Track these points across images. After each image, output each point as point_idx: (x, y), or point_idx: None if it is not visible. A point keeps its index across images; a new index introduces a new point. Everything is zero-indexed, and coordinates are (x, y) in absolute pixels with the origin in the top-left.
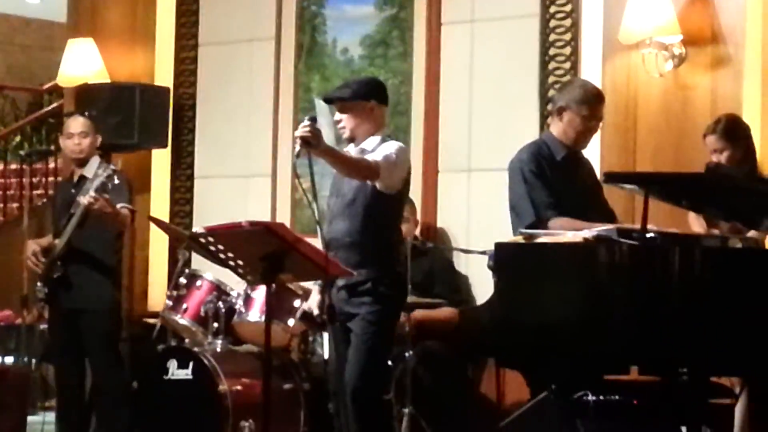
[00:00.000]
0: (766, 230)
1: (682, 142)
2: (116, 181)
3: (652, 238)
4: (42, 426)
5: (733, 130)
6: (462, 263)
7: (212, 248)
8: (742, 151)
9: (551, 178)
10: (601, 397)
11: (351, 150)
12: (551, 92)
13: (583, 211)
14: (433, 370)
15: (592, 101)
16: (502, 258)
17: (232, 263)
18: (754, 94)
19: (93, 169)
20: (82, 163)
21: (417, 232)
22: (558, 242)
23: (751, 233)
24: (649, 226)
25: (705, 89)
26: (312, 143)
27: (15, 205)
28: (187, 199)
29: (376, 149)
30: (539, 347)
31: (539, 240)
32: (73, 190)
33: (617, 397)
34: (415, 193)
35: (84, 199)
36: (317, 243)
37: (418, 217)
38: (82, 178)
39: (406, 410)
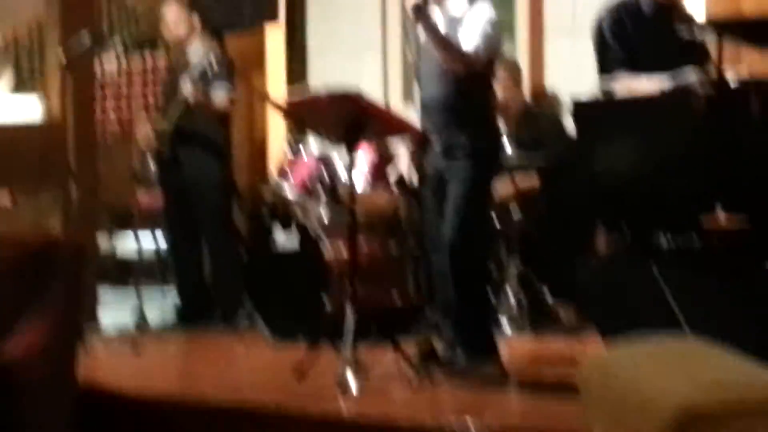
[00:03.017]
0: None
1: None
2: (215, 69)
3: (731, 87)
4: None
5: None
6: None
7: (300, 118)
8: None
9: (635, 34)
10: (678, 241)
11: (438, 15)
12: None
13: (675, 65)
14: (543, 227)
15: None
16: (580, 114)
17: (318, 131)
18: None
19: (196, 52)
20: (185, 46)
21: (526, 95)
22: (633, 95)
23: None
24: (734, 71)
25: None
26: (423, 11)
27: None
28: (302, 72)
29: (466, 15)
30: (621, 199)
31: (616, 94)
32: (179, 74)
33: (695, 241)
34: (523, 57)
35: (182, 91)
36: None
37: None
38: (187, 63)
39: (514, 265)
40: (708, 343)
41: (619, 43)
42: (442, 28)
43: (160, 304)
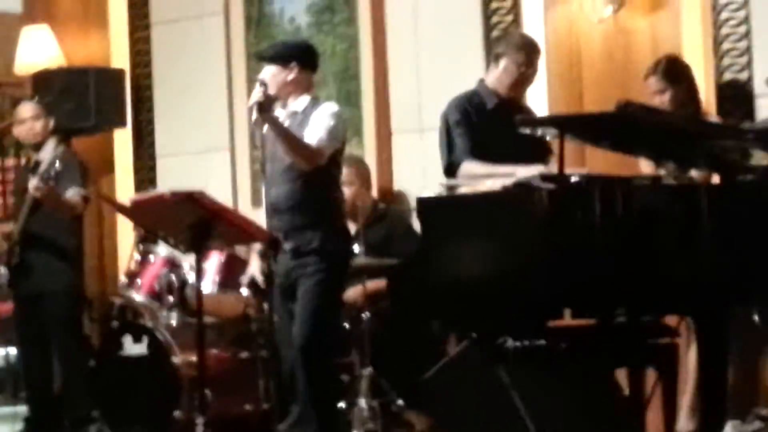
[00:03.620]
0: (706, 170)
1: (628, 86)
2: (59, 167)
3: (573, 181)
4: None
5: (673, 71)
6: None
7: (145, 220)
8: (684, 92)
9: (479, 127)
10: (524, 343)
11: (280, 113)
12: None
13: (517, 160)
14: (394, 331)
15: (529, 49)
16: (424, 212)
17: (162, 234)
18: (694, 35)
19: (47, 151)
20: (38, 147)
21: (375, 195)
22: (476, 192)
23: (693, 173)
24: (576, 169)
25: (645, 32)
26: (265, 107)
27: None
28: (151, 178)
29: (310, 115)
30: (465, 299)
31: (460, 191)
32: (30, 175)
33: (542, 342)
34: (370, 156)
35: (30, 188)
36: None
37: (375, 180)
38: (38, 162)
39: (366, 371)
40: None
41: (466, 134)
42: (285, 123)
43: (10, 418)
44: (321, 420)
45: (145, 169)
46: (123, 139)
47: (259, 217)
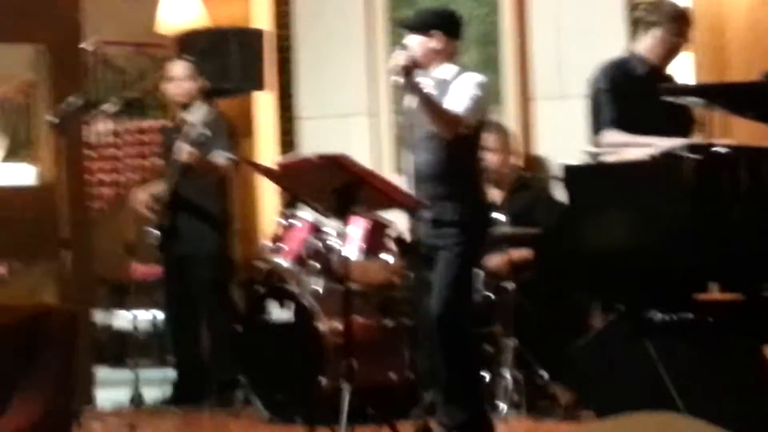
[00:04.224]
0: None
1: None
2: (211, 130)
3: (721, 152)
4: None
5: None
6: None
7: (290, 184)
8: None
9: (629, 95)
10: (672, 317)
11: (426, 82)
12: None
13: (665, 129)
14: (538, 302)
15: (683, 18)
16: (570, 179)
17: (307, 198)
18: None
19: (196, 113)
20: (186, 107)
21: (518, 162)
22: (623, 160)
23: None
24: (723, 140)
25: None
26: (408, 70)
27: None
28: (291, 141)
29: (454, 81)
30: (612, 270)
31: (604, 158)
32: (175, 135)
33: (690, 315)
34: (510, 122)
35: (182, 153)
36: None
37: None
38: (186, 123)
39: (510, 342)
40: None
41: (614, 102)
42: (430, 90)
43: (158, 381)
44: (463, 390)
45: (285, 133)
46: (263, 102)
47: (401, 182)
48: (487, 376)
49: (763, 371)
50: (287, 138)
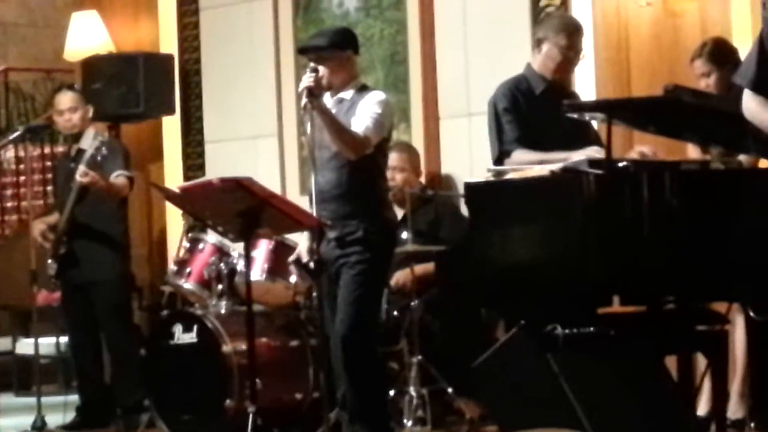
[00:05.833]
0: (755, 154)
1: (676, 70)
2: (105, 152)
3: (621, 166)
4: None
5: (719, 53)
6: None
7: (193, 207)
8: (731, 75)
9: (528, 112)
10: (573, 330)
11: (327, 100)
12: None
13: (567, 145)
14: (443, 318)
15: (570, 30)
16: (471, 197)
17: (211, 221)
18: (743, 17)
19: (88, 139)
20: (77, 137)
21: (423, 180)
22: (524, 177)
23: (741, 157)
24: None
25: (693, 15)
26: (315, 93)
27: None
28: (199, 164)
29: (358, 103)
30: (514, 286)
31: (507, 176)
32: (72, 165)
33: (591, 329)
34: (418, 141)
35: (76, 175)
36: None
37: (423, 165)
38: (80, 151)
39: (415, 359)
40: None
41: (515, 122)
42: (333, 111)
43: (62, 407)
44: (369, 409)
45: (193, 156)
46: (171, 126)
47: (305, 204)
48: (392, 393)
49: (665, 383)
50: (196, 162)
